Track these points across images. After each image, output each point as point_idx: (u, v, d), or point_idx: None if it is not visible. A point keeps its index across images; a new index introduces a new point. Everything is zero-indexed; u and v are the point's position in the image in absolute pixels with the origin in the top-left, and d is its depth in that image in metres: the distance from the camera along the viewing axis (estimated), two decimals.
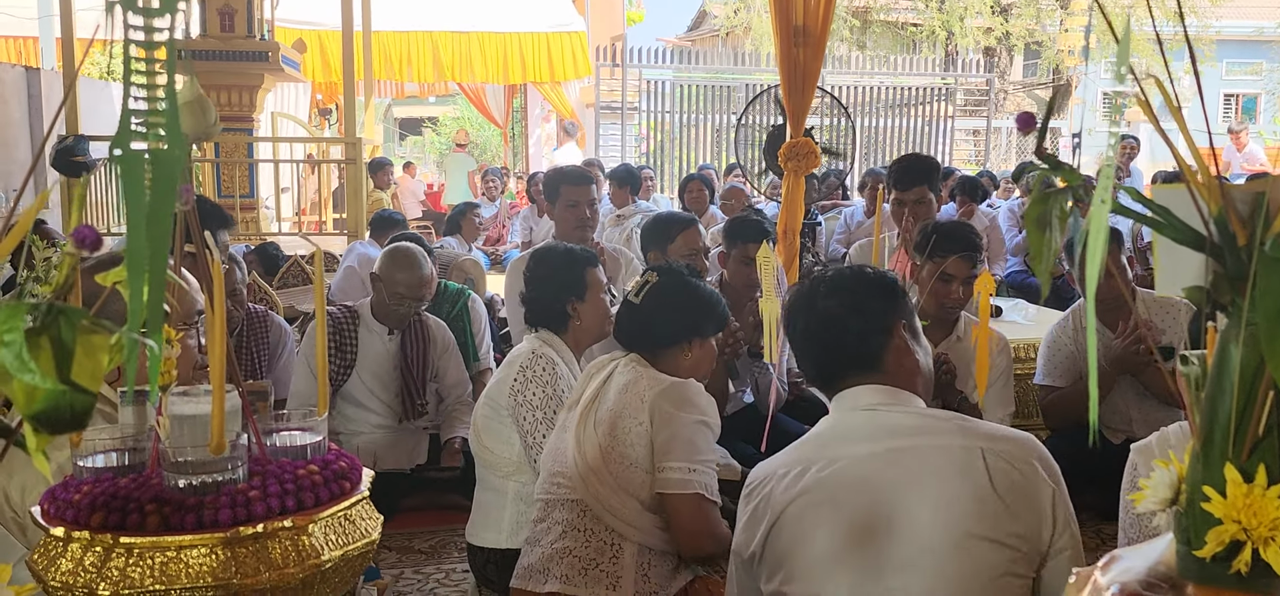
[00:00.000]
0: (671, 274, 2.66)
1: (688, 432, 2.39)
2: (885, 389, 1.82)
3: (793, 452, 1.84)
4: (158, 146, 0.79)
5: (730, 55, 14.90)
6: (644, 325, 2.57)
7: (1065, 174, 1.14)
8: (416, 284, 3.96)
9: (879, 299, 1.88)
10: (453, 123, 26.79)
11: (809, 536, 1.75)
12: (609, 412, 2.45)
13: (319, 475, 1.38)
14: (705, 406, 2.45)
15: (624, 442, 2.41)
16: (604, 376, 2.54)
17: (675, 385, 2.45)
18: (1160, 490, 1.07)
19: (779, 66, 5.05)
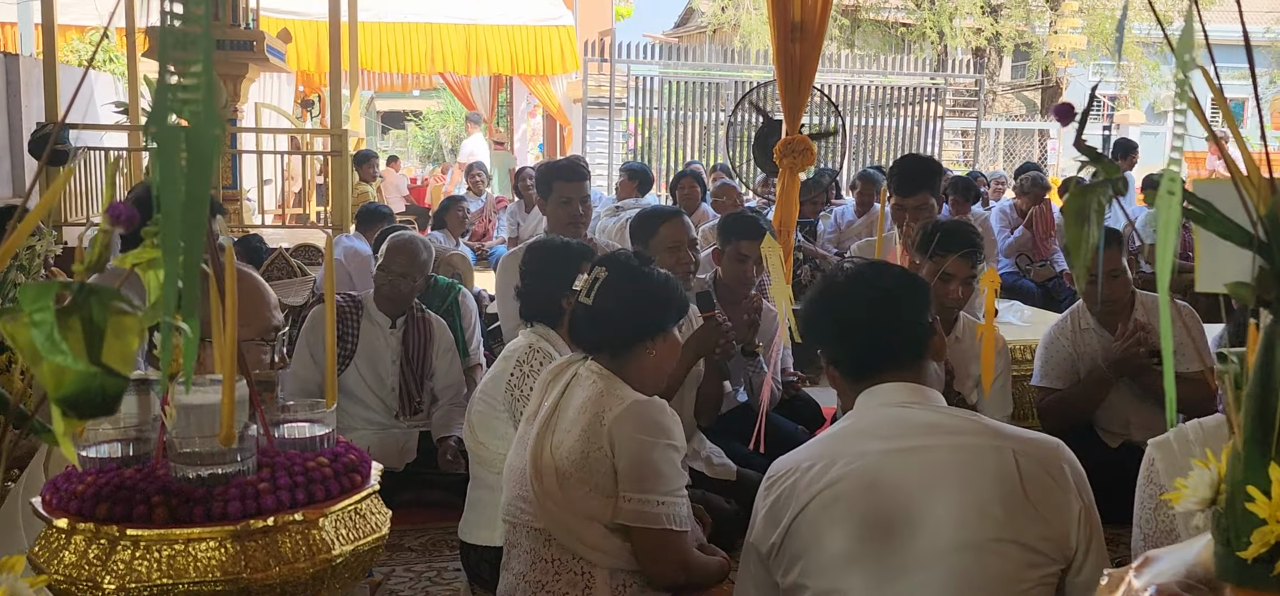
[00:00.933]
0: (621, 265, 2.41)
1: (653, 460, 2.20)
2: (915, 387, 1.81)
3: (818, 446, 1.82)
4: (194, 125, 0.75)
5: (719, 52, 14.87)
6: (599, 327, 2.35)
7: (1104, 167, 1.12)
8: (412, 263, 3.99)
9: (923, 297, 1.88)
10: (437, 117, 26.68)
11: (833, 531, 1.73)
12: (566, 434, 2.26)
13: (329, 468, 1.35)
14: (669, 427, 2.24)
15: (583, 468, 2.21)
16: (562, 386, 2.34)
17: (637, 407, 2.23)
18: (1200, 489, 1.05)
19: (775, 62, 5.04)
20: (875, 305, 1.83)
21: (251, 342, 1.97)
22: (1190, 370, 3.73)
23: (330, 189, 8.03)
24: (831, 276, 1.94)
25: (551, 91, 14.10)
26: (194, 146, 0.75)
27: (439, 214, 7.88)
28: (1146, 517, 1.85)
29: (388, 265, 3.99)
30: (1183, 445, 1.82)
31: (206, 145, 0.77)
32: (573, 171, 4.22)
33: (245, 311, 1.98)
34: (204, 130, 0.76)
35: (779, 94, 5.10)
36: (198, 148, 0.76)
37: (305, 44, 11.73)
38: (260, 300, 2.04)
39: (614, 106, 13.33)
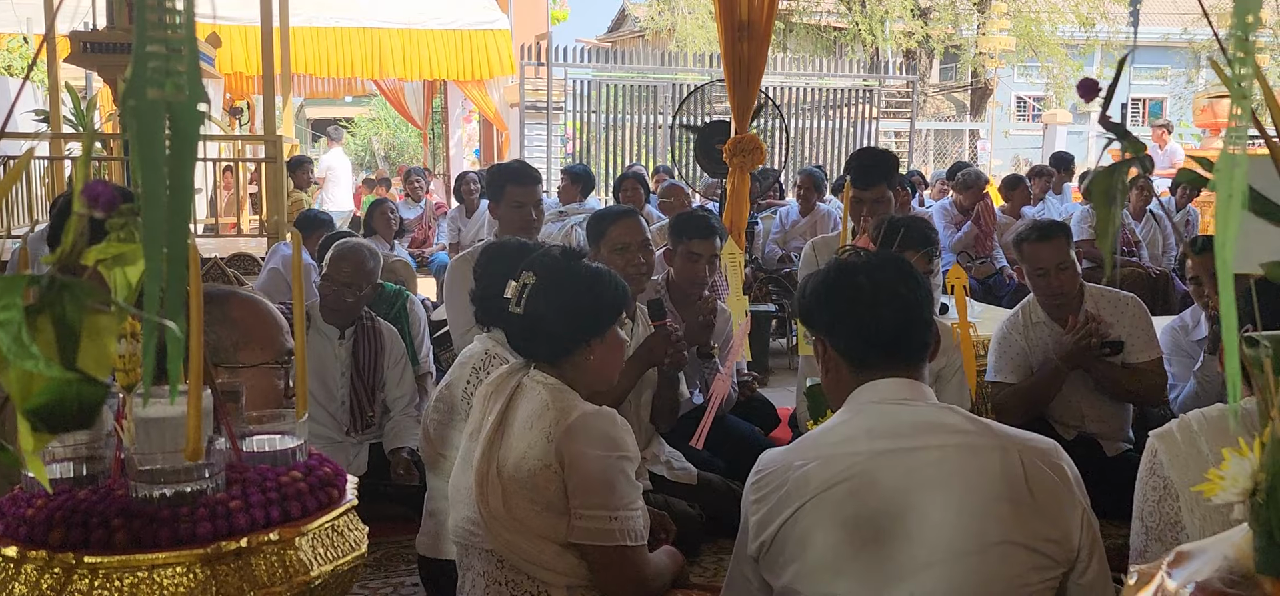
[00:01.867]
0: (550, 268, 2.28)
1: (605, 475, 2.09)
2: (914, 384, 1.76)
3: (811, 445, 1.75)
4: (176, 98, 0.67)
5: (656, 55, 14.84)
6: (534, 335, 2.23)
7: (1131, 144, 1.07)
8: (359, 273, 3.88)
9: (931, 297, 1.83)
10: (369, 124, 26.32)
11: (830, 533, 1.66)
12: (512, 450, 2.14)
13: (303, 482, 1.26)
14: (621, 439, 2.13)
15: (531, 486, 2.11)
16: (505, 399, 2.21)
17: (586, 420, 2.11)
18: (1239, 480, 1.01)
19: (723, 62, 5.01)
20: (896, 298, 1.77)
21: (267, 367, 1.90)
22: (1145, 359, 3.77)
23: (264, 197, 7.82)
24: (849, 263, 1.86)
25: (487, 96, 13.93)
26: (178, 122, 0.67)
27: (366, 220, 7.70)
28: (1150, 510, 1.82)
29: (332, 275, 3.86)
30: (1186, 435, 1.80)
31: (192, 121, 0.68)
32: (525, 175, 4.13)
33: (259, 336, 1.90)
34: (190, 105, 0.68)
35: (728, 93, 5.07)
36: (182, 124, 0.67)
37: (235, 49, 11.45)
38: (273, 324, 1.96)
39: (551, 110, 13.22)
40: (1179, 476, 1.76)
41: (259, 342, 1.88)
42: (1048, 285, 3.73)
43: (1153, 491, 1.81)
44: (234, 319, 1.87)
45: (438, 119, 16.28)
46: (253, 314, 1.89)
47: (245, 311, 1.89)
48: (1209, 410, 1.83)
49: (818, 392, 2.65)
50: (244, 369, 1.90)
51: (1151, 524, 1.82)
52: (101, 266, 0.89)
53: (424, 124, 16.39)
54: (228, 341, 1.88)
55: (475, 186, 8.96)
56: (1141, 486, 1.85)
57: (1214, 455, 1.78)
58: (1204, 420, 1.81)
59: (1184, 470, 1.75)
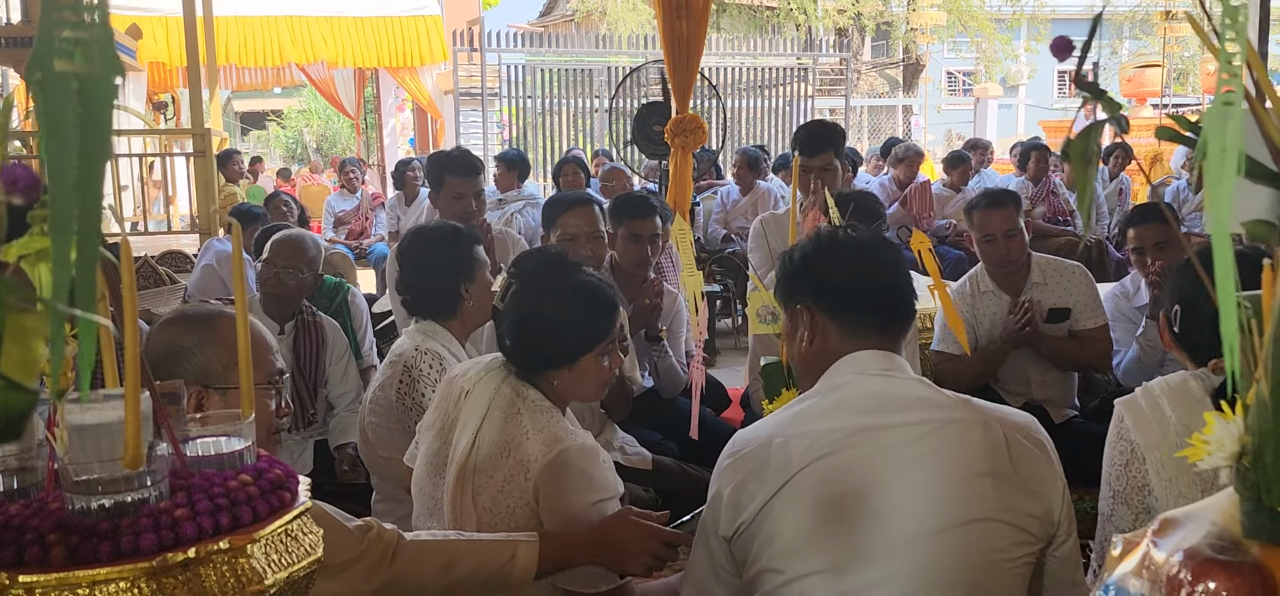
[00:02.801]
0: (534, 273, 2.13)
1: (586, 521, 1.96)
2: (893, 356, 1.74)
3: (789, 420, 1.70)
4: (87, 70, 0.60)
5: (590, 39, 14.77)
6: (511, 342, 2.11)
7: (1106, 103, 1.05)
8: (295, 254, 3.77)
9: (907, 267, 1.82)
10: (299, 116, 25.89)
11: (811, 513, 1.63)
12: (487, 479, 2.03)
13: (253, 486, 1.19)
14: (603, 479, 2.01)
15: (506, 517, 2.00)
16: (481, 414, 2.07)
17: (566, 458, 1.97)
18: (1226, 444, 0.99)
19: (662, 42, 4.97)
20: (892, 269, 1.77)
21: (258, 388, 1.83)
22: (1092, 326, 3.81)
23: (194, 192, 7.62)
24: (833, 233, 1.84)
25: (420, 83, 13.76)
26: (89, 97, 0.60)
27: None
28: (1117, 474, 1.83)
29: (272, 258, 3.76)
30: (1150, 401, 1.81)
31: (104, 95, 0.61)
32: (464, 165, 4.05)
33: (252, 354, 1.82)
34: (103, 77, 0.61)
35: (667, 73, 5.03)
36: (93, 99, 0.61)
37: (157, 40, 11.16)
38: (262, 343, 1.88)
39: (486, 97, 13.09)
40: (1145, 440, 1.77)
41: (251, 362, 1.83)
42: (997, 251, 3.76)
43: (1120, 456, 1.82)
44: (223, 339, 1.82)
45: (370, 108, 16.05)
46: None
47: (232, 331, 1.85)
48: (1171, 377, 1.86)
49: (774, 372, 2.61)
50: (235, 390, 1.84)
51: (1119, 488, 1.83)
52: (24, 262, 0.82)
53: (356, 114, 16.14)
54: (217, 363, 1.82)
55: (417, 174, 8.83)
56: (1109, 452, 1.87)
57: (1177, 419, 1.79)
58: (1166, 386, 1.84)
59: (1149, 433, 1.77)
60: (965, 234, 4.66)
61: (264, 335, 1.90)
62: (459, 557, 1.83)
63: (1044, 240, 7.05)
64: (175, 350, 1.84)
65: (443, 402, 2.22)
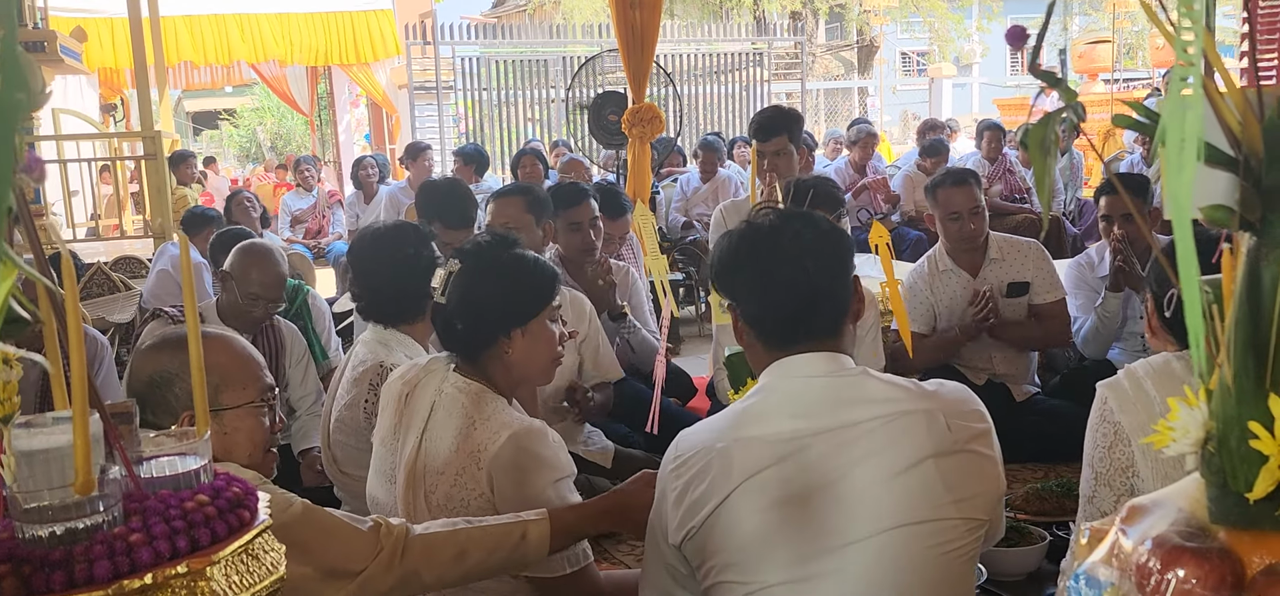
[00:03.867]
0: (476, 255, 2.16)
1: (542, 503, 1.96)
2: (833, 356, 1.68)
3: (732, 424, 1.66)
4: None
5: (544, 29, 14.68)
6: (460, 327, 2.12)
7: (1064, 92, 1.04)
8: (273, 281, 3.61)
9: (849, 252, 1.74)
10: (252, 114, 25.56)
11: (752, 523, 1.60)
12: (439, 476, 2.03)
13: (211, 506, 1.16)
14: (553, 458, 2.02)
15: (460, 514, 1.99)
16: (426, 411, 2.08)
17: (516, 442, 1.98)
18: (1191, 430, 0.99)
19: (616, 32, 4.94)
20: (805, 260, 1.66)
21: (250, 407, 1.82)
22: (1049, 301, 3.86)
23: (147, 195, 7.49)
24: (755, 225, 1.75)
25: (374, 79, 13.63)
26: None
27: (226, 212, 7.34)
28: (1100, 457, 1.85)
29: (249, 288, 3.57)
30: (1134, 382, 1.82)
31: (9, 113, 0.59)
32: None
33: (238, 376, 1.82)
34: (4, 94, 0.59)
35: (623, 62, 5.01)
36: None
37: (104, 42, 10.96)
38: (251, 361, 1.88)
39: (441, 90, 12.98)
40: (1130, 422, 1.79)
41: (239, 382, 1.82)
42: (959, 229, 3.80)
43: (1103, 438, 1.83)
44: (209, 362, 1.77)
45: (324, 105, 15.86)
46: (228, 354, 1.84)
47: (220, 352, 1.83)
48: (1153, 359, 1.87)
49: (738, 362, 2.60)
50: (228, 412, 1.81)
51: (1102, 470, 1.84)
52: None
53: (310, 110, 15.95)
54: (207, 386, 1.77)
55: (373, 171, 8.74)
56: (1092, 434, 1.88)
57: (1162, 400, 1.81)
58: (1150, 367, 1.85)
59: (1134, 415, 1.78)
60: (926, 214, 4.70)
61: (251, 353, 1.89)
62: (470, 545, 1.83)
63: (1002, 218, 7.11)
64: (163, 377, 1.82)
65: (386, 408, 2.21)
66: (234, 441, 1.81)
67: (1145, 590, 0.96)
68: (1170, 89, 0.79)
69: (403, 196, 8.11)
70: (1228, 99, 0.95)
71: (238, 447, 1.80)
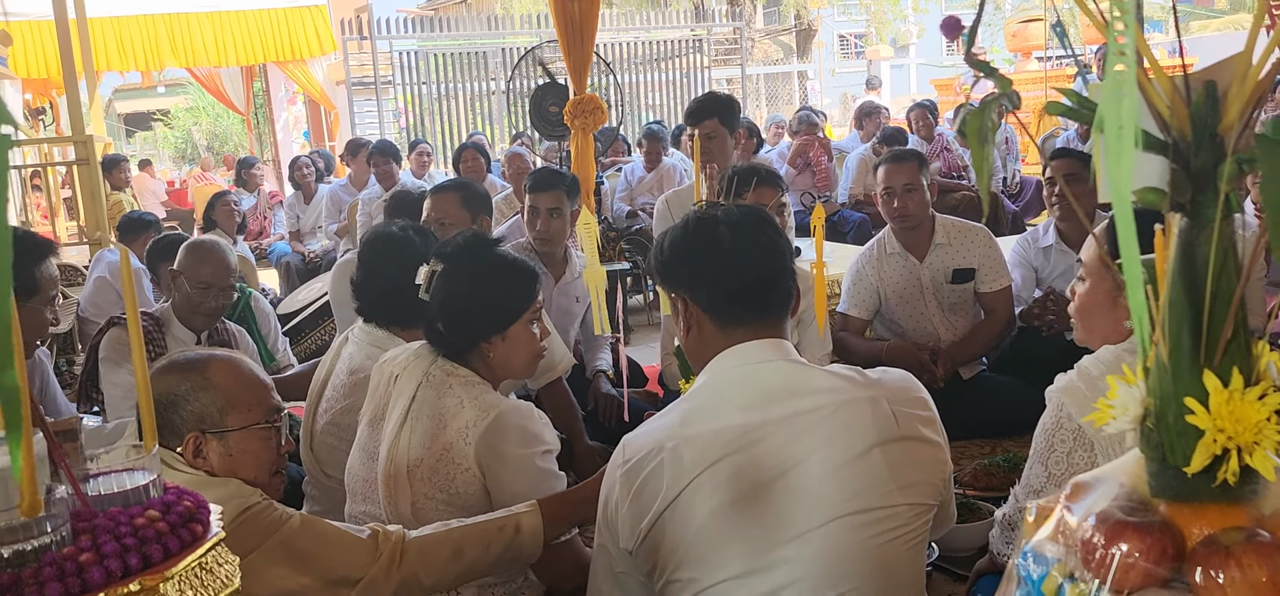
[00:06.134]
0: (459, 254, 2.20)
1: (530, 476, 2.04)
2: (777, 343, 1.69)
3: (678, 423, 1.65)
4: None
5: (482, 20, 14.57)
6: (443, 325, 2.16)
7: (999, 81, 1.06)
8: (223, 270, 3.60)
9: (788, 243, 1.76)
10: (187, 114, 25.11)
11: (705, 520, 1.60)
12: (424, 452, 2.06)
13: (162, 521, 1.14)
14: (540, 433, 2.08)
15: (446, 490, 2.04)
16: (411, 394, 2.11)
17: (502, 420, 2.03)
18: (1130, 408, 1.02)
19: (555, 22, 4.92)
20: (758, 247, 1.69)
21: (257, 429, 1.81)
22: (996, 287, 3.91)
23: (81, 201, 7.32)
24: (704, 215, 1.76)
25: (311, 75, 13.43)
26: None
27: (207, 213, 7.29)
28: (1058, 459, 1.87)
29: (202, 279, 3.56)
30: (1088, 381, 1.85)
31: None
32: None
33: (244, 398, 1.81)
34: None
35: (562, 53, 4.99)
36: None
37: (29, 46, 10.69)
38: (258, 382, 1.87)
39: (380, 85, 12.84)
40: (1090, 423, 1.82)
41: (245, 404, 1.81)
42: (893, 207, 3.83)
43: (1062, 442, 1.86)
44: (216, 383, 1.81)
45: (260, 103, 15.61)
46: (234, 375, 1.84)
47: (226, 374, 1.83)
48: (1102, 352, 1.90)
49: None
50: (233, 433, 1.80)
51: (1056, 471, 1.87)
52: None
53: (246, 109, 15.69)
54: (212, 407, 1.80)
55: (310, 170, 8.63)
56: (1048, 437, 1.91)
57: None
58: (1098, 363, 1.88)
59: None
60: (871, 194, 4.77)
61: (258, 374, 1.88)
62: (465, 543, 1.87)
63: (943, 196, 7.20)
64: (169, 398, 1.81)
65: (375, 389, 2.26)
66: (240, 463, 1.80)
67: (1090, 565, 0.99)
68: (1105, 77, 0.81)
69: (344, 194, 8.03)
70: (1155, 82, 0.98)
71: (243, 469, 1.79)
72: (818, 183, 7.70)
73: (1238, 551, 0.92)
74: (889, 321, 4.02)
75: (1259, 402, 0.95)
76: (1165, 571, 0.96)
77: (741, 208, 1.79)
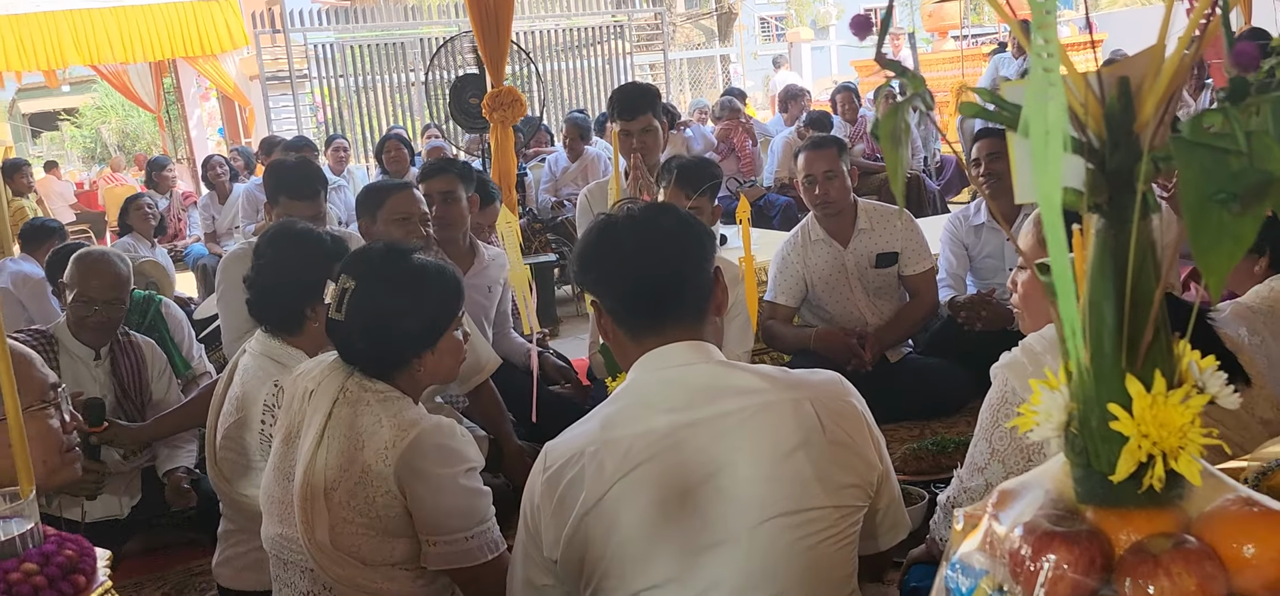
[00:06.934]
0: (373, 269, 2.04)
1: (453, 497, 1.94)
2: (698, 345, 1.65)
3: (599, 427, 1.62)
4: None
5: (400, 11, 14.32)
6: (360, 346, 2.02)
7: (912, 81, 1.03)
8: (110, 283, 3.44)
9: (705, 242, 1.70)
10: (96, 112, 24.33)
11: (629, 525, 1.57)
12: (342, 475, 1.95)
13: (40, 575, 1.07)
14: (462, 451, 1.98)
15: (366, 514, 1.95)
16: (326, 412, 1.99)
17: (423, 440, 1.93)
18: (1053, 414, 0.99)
19: (470, 12, 4.83)
20: (660, 251, 1.64)
21: (35, 411, 1.65)
22: (920, 270, 3.93)
23: None
24: (610, 217, 1.72)
25: (223, 71, 13.07)
26: None
27: (122, 217, 7.04)
28: (1001, 435, 1.86)
29: (87, 292, 3.41)
30: (1032, 358, 1.84)
31: None
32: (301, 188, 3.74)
33: None
34: None
35: (478, 45, 4.90)
36: None
37: None
38: (24, 360, 1.70)
39: (295, 79, 12.55)
40: None
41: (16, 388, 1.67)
42: (815, 194, 3.83)
43: (1006, 418, 1.85)
44: None
45: (171, 100, 15.17)
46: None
47: None
48: (1046, 331, 1.89)
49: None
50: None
51: (1000, 447, 1.86)
52: None
53: (157, 107, 15.23)
54: None
55: (223, 170, 8.41)
56: (993, 413, 1.89)
57: None
58: (1042, 339, 1.87)
59: None
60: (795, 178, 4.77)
61: (22, 352, 1.71)
62: None
63: (866, 177, 7.24)
64: None
65: (288, 404, 2.14)
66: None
67: (1019, 577, 0.96)
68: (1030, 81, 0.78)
69: (259, 194, 7.83)
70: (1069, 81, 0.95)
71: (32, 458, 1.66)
72: (742, 167, 7.71)
73: (1166, 560, 0.90)
74: (816, 308, 4.01)
75: (1182, 406, 0.92)
76: (1094, 582, 0.93)
77: (651, 207, 1.75)
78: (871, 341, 3.78)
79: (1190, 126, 0.82)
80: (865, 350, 3.74)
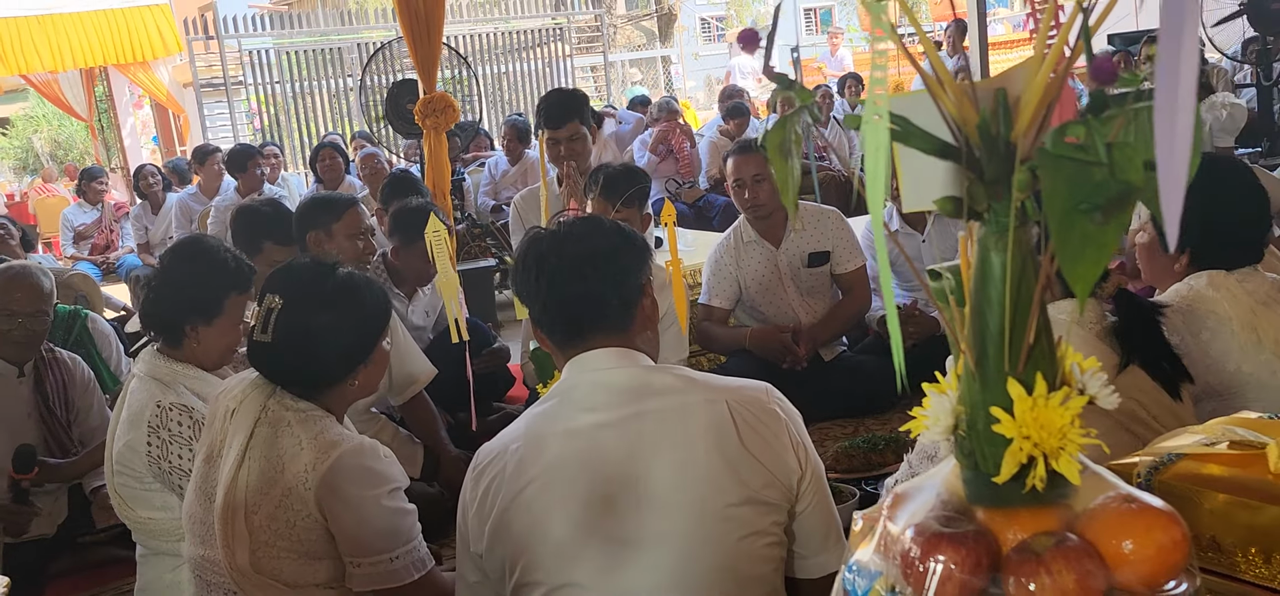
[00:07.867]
0: (298, 290, 2.02)
1: (376, 519, 1.92)
2: (624, 351, 1.69)
3: (523, 426, 1.68)
4: None
5: (336, 16, 14.19)
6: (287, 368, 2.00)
7: (799, 93, 1.05)
8: (33, 296, 3.34)
9: (634, 255, 1.73)
10: (27, 121, 23.78)
11: (554, 518, 1.61)
12: (263, 497, 1.93)
13: None
14: (385, 472, 1.96)
15: (287, 537, 1.93)
16: (247, 431, 1.96)
17: (342, 461, 1.91)
18: (942, 418, 1.02)
19: (400, 18, 4.79)
20: (580, 270, 1.68)
21: None
22: (851, 269, 3.97)
23: None
24: (538, 234, 1.78)
25: (156, 78, 12.86)
26: None
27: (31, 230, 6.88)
28: None
29: (9, 306, 3.32)
30: None
31: None
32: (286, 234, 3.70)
33: None
34: None
35: (409, 51, 4.87)
36: None
37: None
38: None
39: (230, 86, 12.38)
40: None
41: None
42: (744, 198, 3.86)
43: None
44: None
45: (104, 108, 14.87)
46: None
47: None
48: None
49: (543, 356, 2.59)
50: None
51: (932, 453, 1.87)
52: None
53: (89, 115, 14.92)
54: None
55: (155, 180, 8.28)
56: None
57: None
58: None
59: None
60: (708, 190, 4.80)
61: None
62: None
63: (803, 177, 7.30)
64: None
65: (210, 423, 2.11)
66: None
67: (910, 578, 0.99)
68: (867, 104, 0.80)
69: (194, 203, 7.73)
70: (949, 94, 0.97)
71: None
72: (681, 169, 7.73)
73: (1047, 557, 0.93)
74: (751, 308, 4.05)
75: (1062, 407, 0.95)
76: (981, 581, 0.96)
77: (579, 227, 1.78)
78: (805, 338, 3.82)
79: (1053, 138, 0.84)
80: (799, 347, 3.78)
